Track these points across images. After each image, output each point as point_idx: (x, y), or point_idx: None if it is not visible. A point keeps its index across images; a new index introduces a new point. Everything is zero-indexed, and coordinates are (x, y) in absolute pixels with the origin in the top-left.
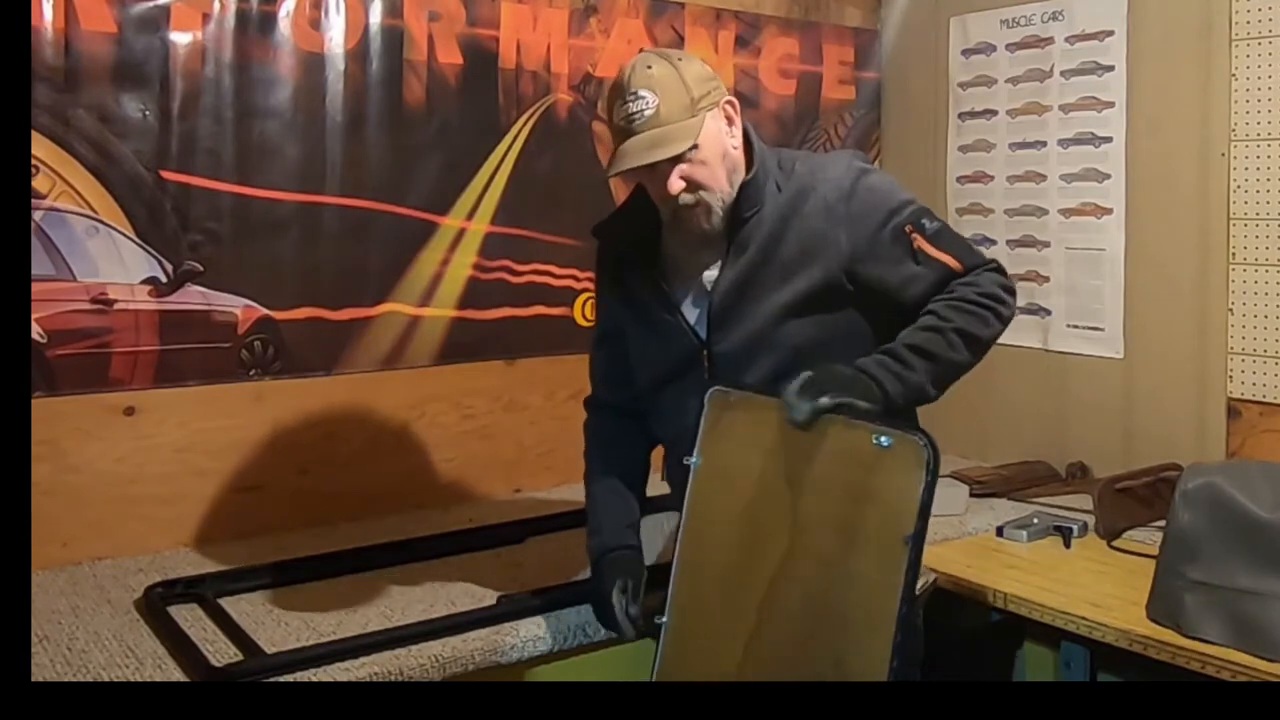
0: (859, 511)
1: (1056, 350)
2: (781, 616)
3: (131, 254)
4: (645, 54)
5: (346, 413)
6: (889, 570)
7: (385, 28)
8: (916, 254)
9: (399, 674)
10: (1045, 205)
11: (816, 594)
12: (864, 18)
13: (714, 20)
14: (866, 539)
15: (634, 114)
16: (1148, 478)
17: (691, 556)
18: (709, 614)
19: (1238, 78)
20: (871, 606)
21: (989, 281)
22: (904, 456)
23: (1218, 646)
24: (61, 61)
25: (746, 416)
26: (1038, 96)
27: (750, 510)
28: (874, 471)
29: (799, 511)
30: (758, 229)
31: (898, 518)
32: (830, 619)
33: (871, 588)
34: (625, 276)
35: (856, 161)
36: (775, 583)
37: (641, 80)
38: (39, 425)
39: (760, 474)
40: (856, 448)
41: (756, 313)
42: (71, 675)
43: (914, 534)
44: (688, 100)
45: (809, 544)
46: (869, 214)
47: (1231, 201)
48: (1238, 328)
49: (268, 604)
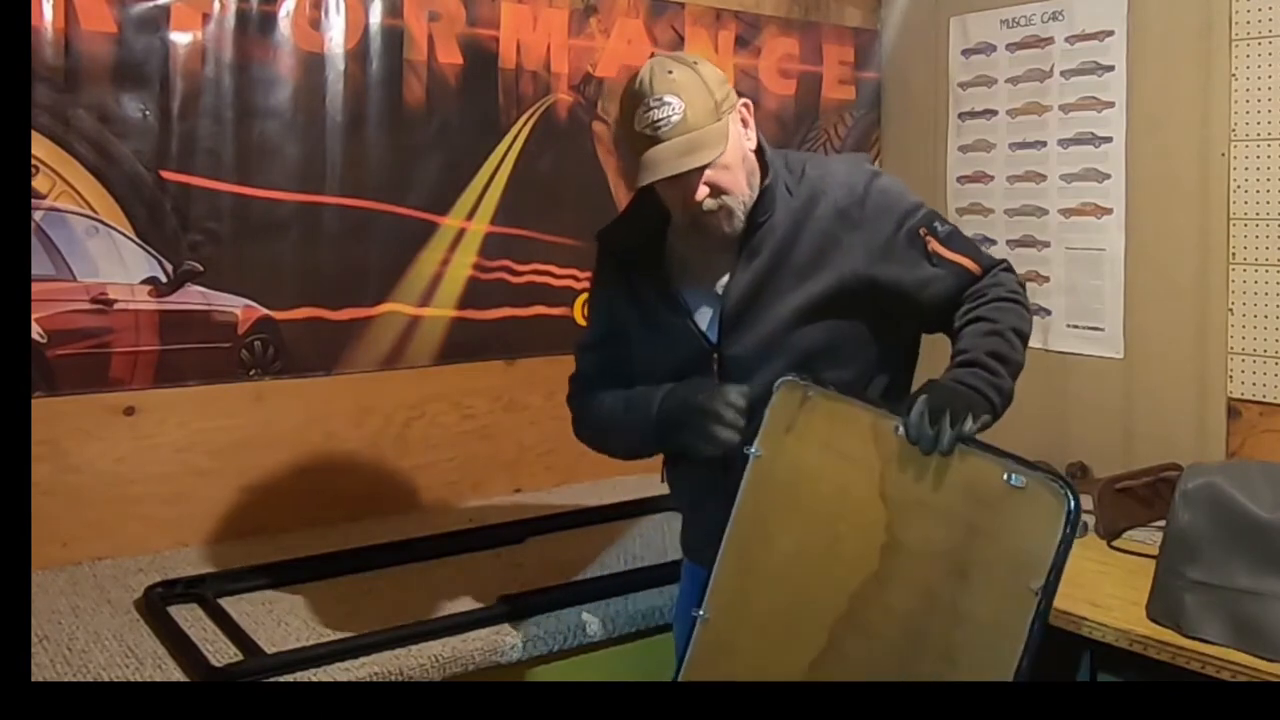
0: (974, 547)
1: (1056, 350)
2: (868, 641)
3: (131, 254)
4: (660, 59)
5: (346, 413)
6: (1009, 617)
7: (385, 28)
8: (931, 256)
9: (399, 674)
10: (1045, 205)
11: (915, 621)
12: (864, 18)
13: (714, 20)
14: (982, 580)
15: (659, 120)
16: (1148, 478)
17: (743, 555)
18: (759, 621)
19: (1238, 78)
20: (985, 652)
21: (1010, 280)
22: (1037, 500)
23: (1218, 646)
24: (61, 61)
25: (827, 417)
26: (1038, 96)
27: (827, 520)
28: (999, 510)
29: (897, 533)
30: (770, 234)
31: (1023, 564)
32: (930, 653)
33: (984, 632)
34: (630, 280)
35: (865, 164)
36: (858, 603)
37: (664, 85)
38: (39, 425)
39: (843, 483)
40: (980, 480)
41: (769, 317)
42: (71, 675)
43: (1045, 585)
44: (712, 104)
45: (909, 571)
46: (882, 217)
47: (1231, 201)
48: (1238, 328)
49: (268, 604)
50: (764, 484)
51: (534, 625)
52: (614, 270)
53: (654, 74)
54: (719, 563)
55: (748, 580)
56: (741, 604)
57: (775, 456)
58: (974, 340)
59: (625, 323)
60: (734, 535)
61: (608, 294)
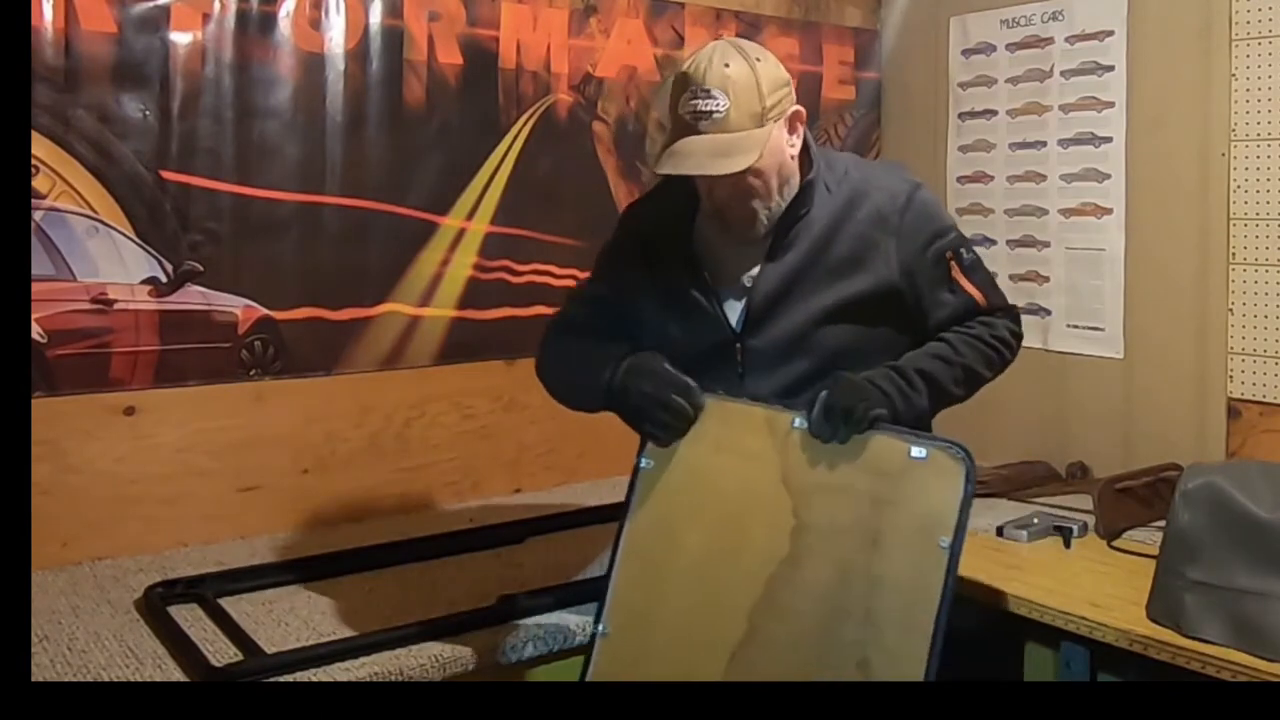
0: (883, 516)
1: (1056, 350)
2: (787, 618)
3: (131, 254)
4: (725, 47)
5: (346, 413)
6: (923, 575)
7: (385, 28)
8: (952, 282)
9: (399, 674)
10: (1045, 205)
11: (832, 595)
12: (864, 18)
13: (714, 20)
14: (895, 544)
15: (701, 112)
16: (1148, 478)
17: (645, 565)
18: (673, 623)
19: (1238, 78)
20: (903, 611)
21: (1004, 327)
22: (940, 467)
23: (1218, 646)
24: (61, 61)
25: (719, 419)
26: (1038, 96)
27: (733, 515)
28: (902, 480)
29: (804, 516)
30: (808, 229)
31: (931, 525)
32: (851, 620)
33: (902, 592)
34: (652, 260)
35: (906, 173)
36: (775, 586)
37: (717, 78)
38: (39, 425)
39: (745, 478)
40: (883, 457)
41: (798, 312)
42: (71, 675)
43: (954, 541)
44: (759, 109)
45: (819, 548)
46: (919, 230)
47: (1231, 201)
48: (1238, 328)
49: (268, 604)
50: (660, 493)
51: (534, 625)
52: (635, 244)
53: (711, 63)
54: (615, 577)
55: (655, 588)
56: (649, 612)
57: (670, 465)
58: (919, 355)
59: (635, 295)
60: (630, 548)
61: (623, 263)
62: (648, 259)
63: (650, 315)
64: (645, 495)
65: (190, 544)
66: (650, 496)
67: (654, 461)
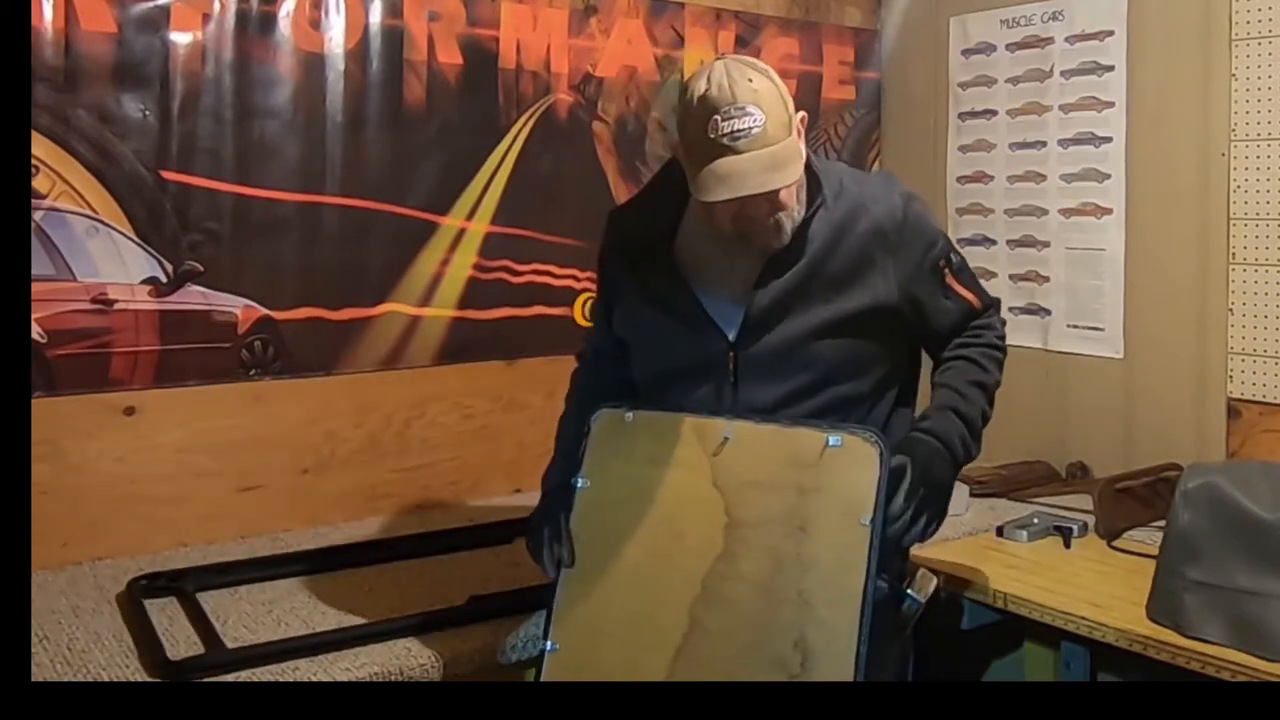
0: (808, 504)
1: (1056, 350)
2: (725, 608)
3: (131, 254)
4: (735, 64)
5: (346, 413)
6: (850, 553)
7: (385, 28)
8: (946, 289)
9: (399, 674)
10: (1045, 205)
11: (766, 581)
12: (864, 18)
13: (714, 20)
14: (821, 528)
15: (740, 131)
16: (1148, 478)
17: (585, 580)
18: (618, 631)
19: (1238, 78)
20: (834, 589)
21: (998, 323)
22: (856, 452)
23: (1218, 646)
24: (61, 61)
25: (650, 434)
26: (1038, 96)
27: (668, 521)
28: (823, 469)
29: (735, 513)
30: (809, 241)
31: (853, 506)
32: (787, 601)
33: (831, 572)
34: (638, 265)
35: (898, 184)
36: (712, 580)
37: (747, 94)
38: (39, 425)
39: (678, 486)
40: (804, 449)
41: (794, 324)
42: (71, 675)
43: (873, 518)
44: (787, 118)
45: (752, 540)
46: (915, 242)
47: (1231, 201)
48: (1238, 328)
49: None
50: (597, 509)
51: (533, 625)
52: (619, 255)
53: (735, 81)
54: (559, 594)
55: (598, 600)
56: (593, 624)
57: (605, 483)
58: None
59: (627, 307)
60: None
61: (611, 274)
62: (634, 267)
63: (644, 319)
64: (583, 514)
65: (190, 544)
66: (585, 515)
67: (590, 481)
